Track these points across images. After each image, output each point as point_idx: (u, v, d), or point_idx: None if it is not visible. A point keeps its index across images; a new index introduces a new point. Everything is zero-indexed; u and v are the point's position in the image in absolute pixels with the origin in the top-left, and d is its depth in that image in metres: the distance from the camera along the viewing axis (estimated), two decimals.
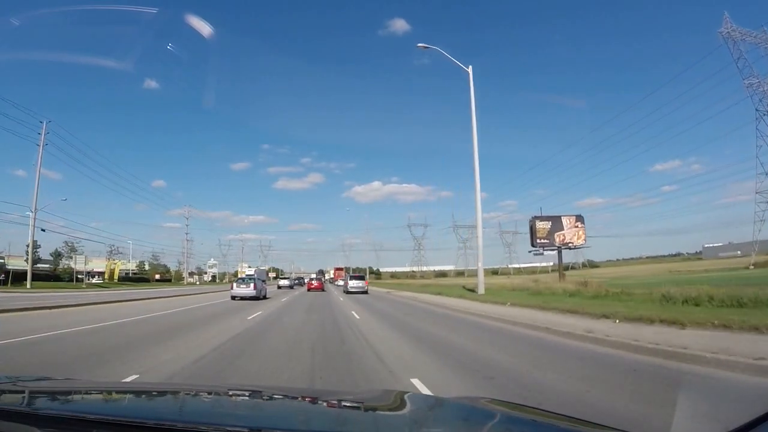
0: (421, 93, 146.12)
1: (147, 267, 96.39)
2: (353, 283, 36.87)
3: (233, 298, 24.47)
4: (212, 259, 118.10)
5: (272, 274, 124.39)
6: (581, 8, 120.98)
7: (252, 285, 24.97)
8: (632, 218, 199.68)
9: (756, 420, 1.25)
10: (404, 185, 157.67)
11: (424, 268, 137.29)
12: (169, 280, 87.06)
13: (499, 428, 1.67)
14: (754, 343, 6.44)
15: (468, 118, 24.19)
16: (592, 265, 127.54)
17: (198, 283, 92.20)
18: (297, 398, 2.17)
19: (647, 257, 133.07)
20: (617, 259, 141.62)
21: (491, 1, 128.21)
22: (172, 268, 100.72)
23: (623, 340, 7.61)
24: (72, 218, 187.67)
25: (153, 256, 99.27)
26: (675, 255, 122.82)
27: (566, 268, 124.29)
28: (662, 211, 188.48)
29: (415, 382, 5.48)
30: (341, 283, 51.74)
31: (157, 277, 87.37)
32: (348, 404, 1.99)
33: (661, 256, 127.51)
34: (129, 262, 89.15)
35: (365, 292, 35.07)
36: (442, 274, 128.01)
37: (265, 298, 26.91)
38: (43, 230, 43.24)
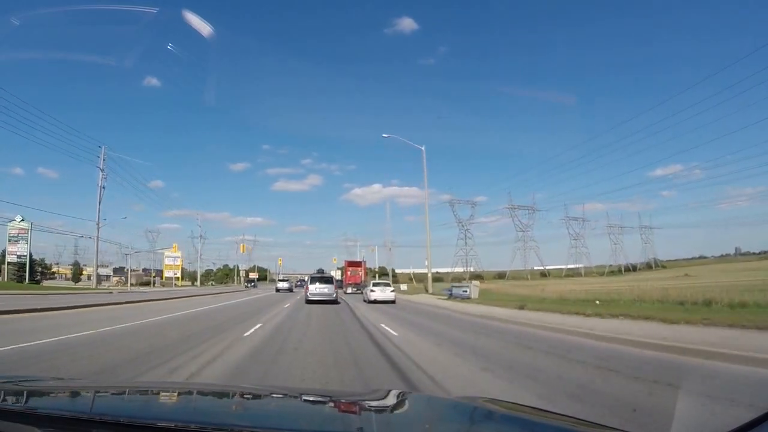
0: (425, 95, 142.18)
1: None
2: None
3: None
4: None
5: (254, 275, 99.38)
6: (588, 12, 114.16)
7: None
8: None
9: (756, 420, 1.15)
10: (405, 188, 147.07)
11: (472, 269, 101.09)
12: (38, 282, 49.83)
13: (499, 428, 1.64)
14: None
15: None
16: (661, 264, 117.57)
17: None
18: (298, 398, 2.18)
19: (721, 256, 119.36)
20: (677, 259, 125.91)
21: (502, 1, 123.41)
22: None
23: None
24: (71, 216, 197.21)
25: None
26: (761, 253, 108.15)
27: (634, 268, 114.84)
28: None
29: None
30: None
31: None
32: (349, 404, 1.99)
33: (748, 253, 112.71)
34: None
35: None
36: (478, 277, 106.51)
37: None
38: None
